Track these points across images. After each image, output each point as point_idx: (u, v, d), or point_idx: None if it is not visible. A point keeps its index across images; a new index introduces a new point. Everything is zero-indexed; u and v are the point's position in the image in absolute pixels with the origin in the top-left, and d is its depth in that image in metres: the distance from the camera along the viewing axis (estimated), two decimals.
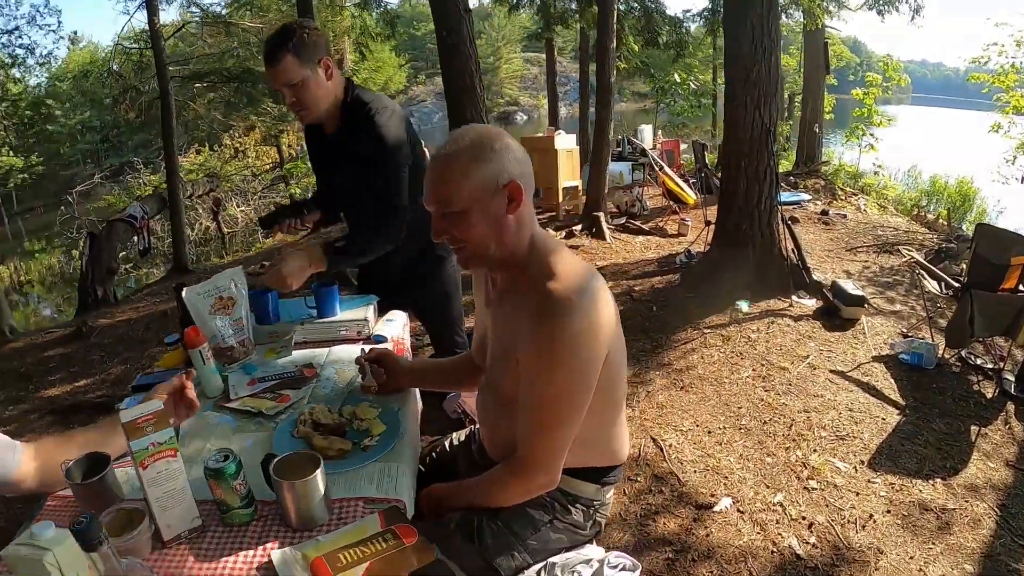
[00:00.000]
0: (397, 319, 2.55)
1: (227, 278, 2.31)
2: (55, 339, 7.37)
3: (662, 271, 6.59)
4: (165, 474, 1.40)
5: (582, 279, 1.50)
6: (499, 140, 1.53)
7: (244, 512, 1.47)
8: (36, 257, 20.99)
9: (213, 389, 2.10)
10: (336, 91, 2.55)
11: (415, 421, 2.02)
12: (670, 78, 15.83)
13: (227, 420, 1.97)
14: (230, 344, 2.28)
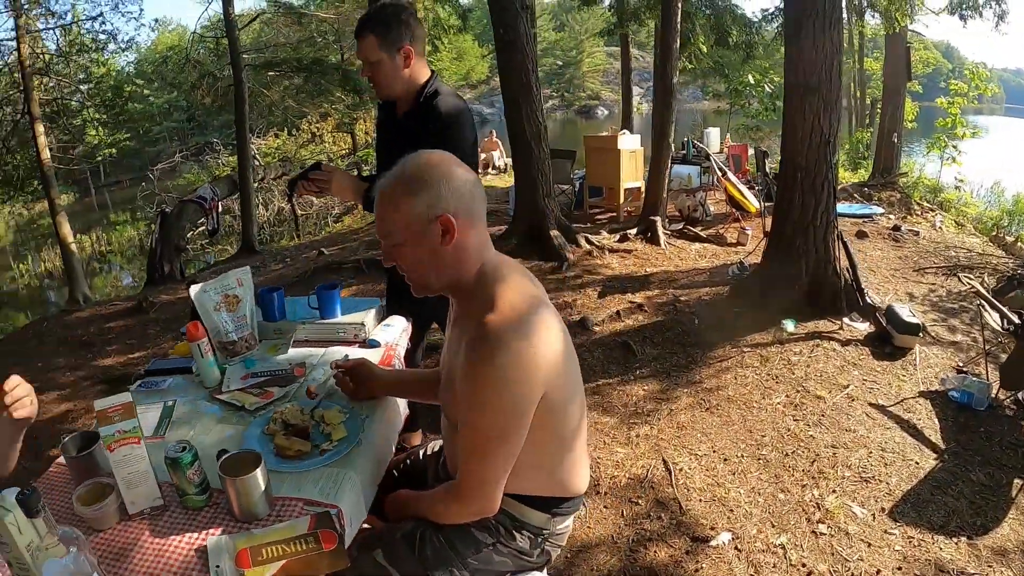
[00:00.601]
0: (395, 324, 2.57)
1: (233, 277, 2.42)
2: (118, 311, 7.67)
3: (712, 282, 6.38)
4: (129, 458, 1.58)
5: (521, 312, 1.49)
6: (436, 171, 1.53)
7: (198, 498, 1.62)
8: (118, 229, 21.87)
9: (210, 380, 2.22)
10: (413, 78, 2.69)
11: (387, 430, 2.02)
12: (744, 79, 15.38)
13: (214, 410, 2.08)
14: (233, 339, 2.37)
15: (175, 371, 2.39)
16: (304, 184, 2.71)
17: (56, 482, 1.85)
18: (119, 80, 20.22)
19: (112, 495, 1.58)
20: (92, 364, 6.02)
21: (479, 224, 1.58)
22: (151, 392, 2.27)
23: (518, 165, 7.56)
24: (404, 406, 2.24)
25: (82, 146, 23.34)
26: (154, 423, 2.05)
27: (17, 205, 20.68)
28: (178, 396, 2.20)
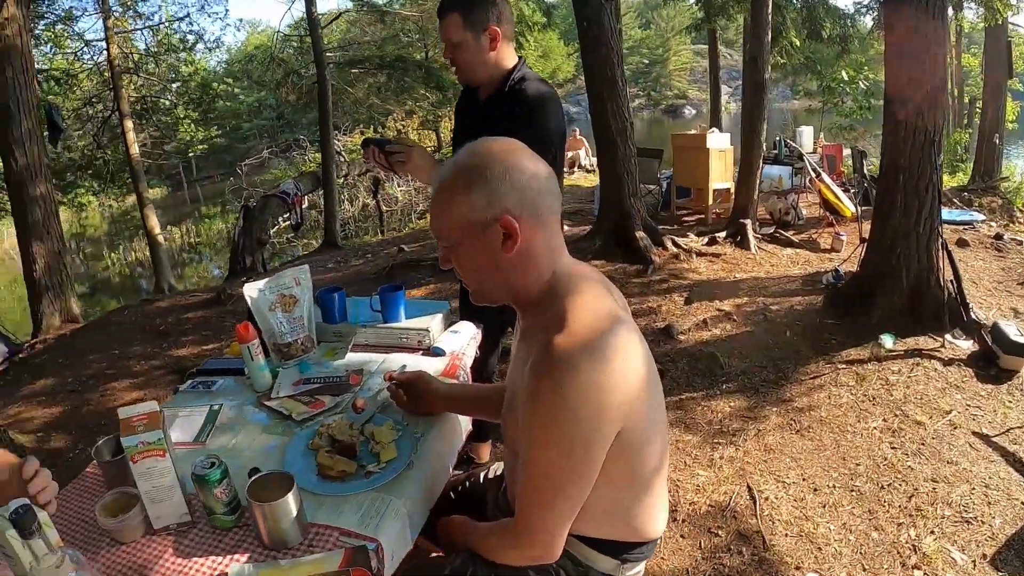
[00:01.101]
0: (463, 331, 2.36)
1: (290, 276, 2.28)
2: (197, 302, 7.73)
3: (805, 290, 5.97)
4: (154, 471, 1.47)
5: (595, 332, 1.26)
6: (498, 161, 1.31)
7: (227, 518, 1.49)
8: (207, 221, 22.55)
9: (260, 385, 2.10)
10: (499, 63, 2.52)
11: (444, 450, 1.83)
12: (837, 75, 14.63)
13: (260, 418, 1.95)
14: (288, 341, 2.24)
15: (228, 372, 2.28)
16: (378, 152, 2.48)
17: (90, 485, 1.76)
18: (207, 79, 20.82)
19: (137, 507, 1.48)
20: (166, 354, 6.06)
21: (550, 226, 1.35)
22: (200, 394, 2.18)
23: (603, 163, 7.30)
24: (467, 421, 2.06)
25: (174, 142, 24.25)
26: (197, 428, 1.94)
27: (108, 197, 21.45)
28: (226, 399, 2.09)
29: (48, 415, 5.26)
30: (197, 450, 1.83)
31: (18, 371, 6.84)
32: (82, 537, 1.53)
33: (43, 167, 8.37)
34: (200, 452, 1.81)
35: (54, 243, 8.45)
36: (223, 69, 31.69)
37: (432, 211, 1.37)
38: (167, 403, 2.19)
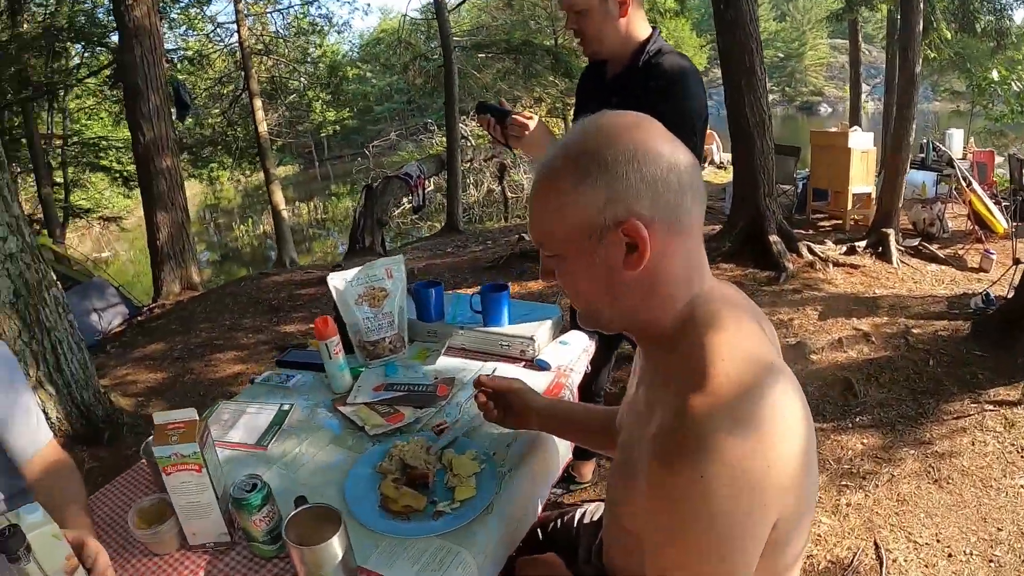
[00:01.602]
0: (574, 344, 2.04)
1: (381, 267, 2.05)
2: (311, 279, 7.72)
3: (951, 314, 5.29)
4: (189, 486, 1.33)
5: (746, 391, 0.90)
6: (622, 147, 0.94)
7: (267, 548, 1.33)
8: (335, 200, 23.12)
9: (338, 386, 1.92)
10: (630, 33, 2.19)
11: (533, 490, 1.55)
12: (987, 75, 13.35)
13: (332, 425, 1.76)
14: (374, 339, 2.03)
15: (309, 367, 2.10)
16: (495, 121, 2.18)
17: (140, 480, 1.66)
18: (336, 62, 21.29)
19: (172, 519, 1.36)
20: (274, 328, 6.05)
21: (692, 236, 1.00)
22: (274, 388, 2.01)
23: (738, 158, 6.85)
24: (568, 447, 1.76)
25: (306, 122, 24.94)
26: (262, 429, 1.76)
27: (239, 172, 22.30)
28: (299, 398, 1.91)
29: (152, 380, 5.33)
30: (258, 455, 1.67)
31: (134, 334, 7.02)
32: (120, 536, 1.43)
33: (169, 142, 8.70)
34: (262, 457, 1.66)
35: (178, 214, 8.72)
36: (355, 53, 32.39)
37: (532, 208, 1.04)
38: (240, 395, 2.05)
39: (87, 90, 17.06)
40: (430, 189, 13.57)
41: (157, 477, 1.53)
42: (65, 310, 4.18)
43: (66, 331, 4.13)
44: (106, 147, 17.87)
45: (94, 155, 17.76)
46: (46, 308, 4.02)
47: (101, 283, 8.96)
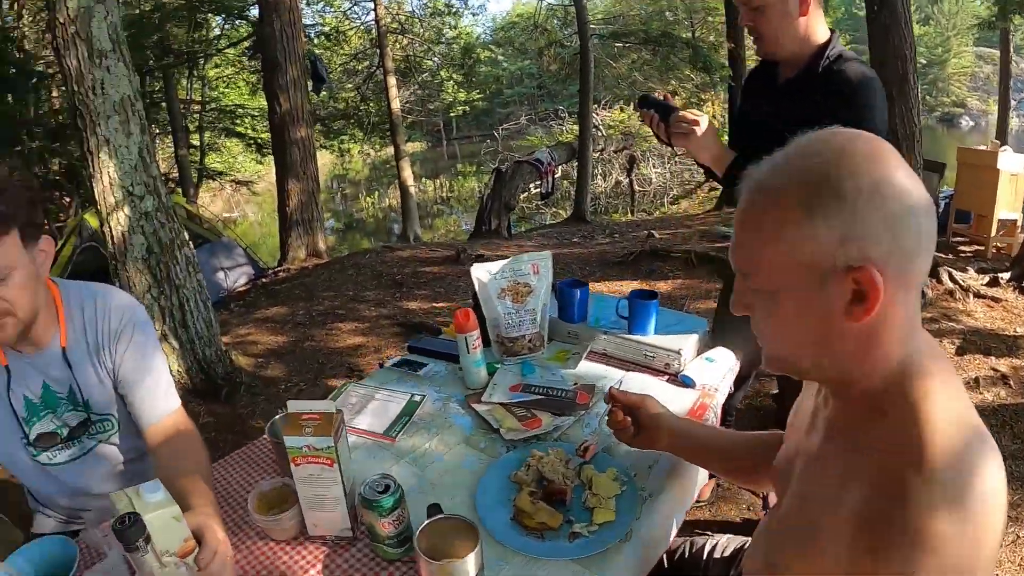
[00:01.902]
0: (721, 362, 1.89)
1: (528, 262, 1.97)
2: (436, 257, 7.74)
3: None
4: (317, 479, 1.28)
5: (964, 466, 0.79)
6: (863, 178, 0.81)
7: (392, 550, 1.27)
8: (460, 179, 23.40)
9: (473, 381, 1.85)
10: (809, 34, 2.02)
11: (671, 514, 1.43)
12: None
13: (464, 423, 1.71)
14: (514, 336, 1.95)
15: (441, 356, 2.05)
16: (657, 119, 2.06)
17: (261, 456, 1.68)
18: (470, 43, 21.43)
19: (294, 508, 1.33)
20: (397, 304, 6.07)
21: (917, 287, 0.87)
22: (405, 375, 1.97)
23: None
24: (705, 473, 1.63)
25: (437, 101, 25.27)
26: (391, 418, 1.72)
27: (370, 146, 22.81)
28: (431, 389, 1.86)
29: (272, 342, 5.45)
30: (385, 446, 1.63)
31: (257, 295, 7.22)
32: (237, 515, 1.43)
33: (305, 113, 8.96)
34: (389, 449, 1.61)
35: (309, 183, 8.95)
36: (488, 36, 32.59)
37: (741, 231, 0.91)
38: (368, 378, 2.02)
39: (226, 60, 17.84)
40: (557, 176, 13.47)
41: (281, 460, 1.55)
42: (195, 269, 4.32)
43: (194, 289, 4.27)
44: (242, 115, 18.66)
45: (230, 121, 18.58)
46: (177, 266, 4.17)
47: (229, 243, 9.30)
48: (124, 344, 1.61)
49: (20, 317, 1.43)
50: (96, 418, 1.65)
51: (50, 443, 1.63)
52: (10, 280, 1.39)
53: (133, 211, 3.99)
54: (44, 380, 1.59)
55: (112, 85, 3.86)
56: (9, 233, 1.37)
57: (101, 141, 3.87)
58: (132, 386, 1.61)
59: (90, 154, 3.91)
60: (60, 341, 1.57)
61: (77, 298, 1.62)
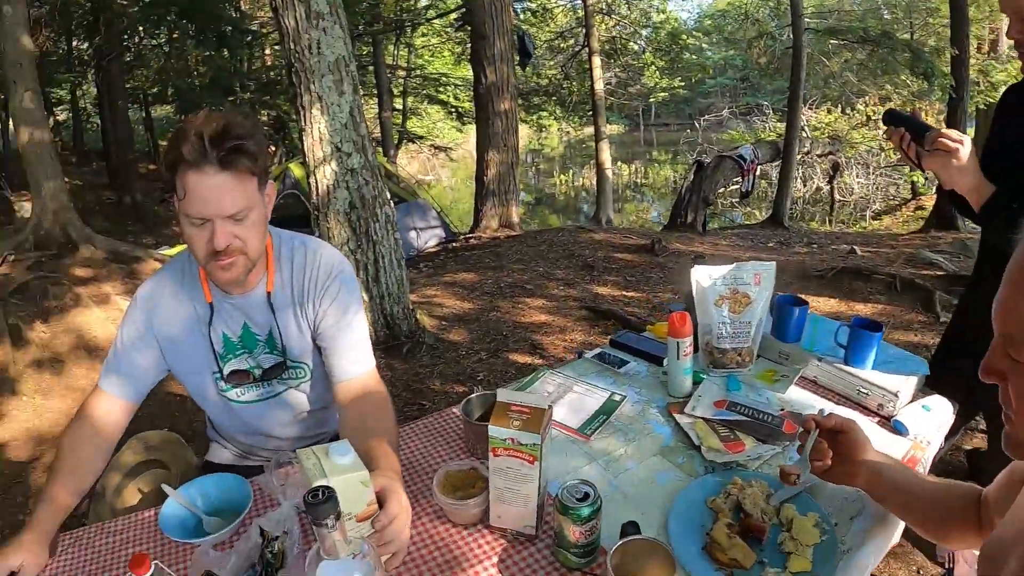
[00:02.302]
0: (938, 411, 1.70)
1: (751, 271, 1.85)
2: (629, 244, 7.67)
3: None
4: (513, 473, 1.26)
5: None
6: None
7: (575, 559, 1.22)
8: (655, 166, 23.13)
9: (677, 389, 1.77)
10: None
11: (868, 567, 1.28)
12: None
13: (663, 432, 1.64)
14: (725, 347, 1.86)
15: (643, 355, 1.99)
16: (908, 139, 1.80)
17: (450, 428, 1.71)
18: (676, 29, 20.92)
19: (482, 496, 1.33)
20: (586, 287, 6.03)
21: None
22: (604, 370, 1.92)
23: None
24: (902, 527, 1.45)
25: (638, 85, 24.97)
26: (588, 415, 1.68)
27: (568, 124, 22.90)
28: (631, 390, 1.80)
29: (458, 307, 5.56)
30: (579, 443, 1.59)
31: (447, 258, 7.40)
32: (416, 489, 1.44)
33: (509, 86, 9.08)
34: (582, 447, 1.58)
35: (508, 155, 9.08)
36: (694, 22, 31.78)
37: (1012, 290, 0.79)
38: (566, 367, 1.98)
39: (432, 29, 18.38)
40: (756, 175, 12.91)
41: (472, 440, 1.58)
42: (393, 227, 4.47)
43: (390, 247, 4.42)
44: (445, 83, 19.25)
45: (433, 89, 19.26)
46: (376, 223, 4.32)
47: (424, 204, 9.59)
48: (329, 299, 1.65)
49: (250, 256, 1.50)
50: (291, 364, 1.71)
51: (241, 381, 1.71)
52: (246, 220, 1.46)
53: (340, 166, 4.18)
54: (245, 321, 1.66)
55: (328, 46, 4.03)
56: (254, 174, 1.44)
57: (314, 98, 4.07)
58: (330, 340, 1.65)
59: (303, 109, 4.12)
60: (267, 286, 1.64)
61: (288, 247, 1.68)
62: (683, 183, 11.19)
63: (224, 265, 1.47)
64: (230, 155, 1.37)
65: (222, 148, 1.36)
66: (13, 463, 4.00)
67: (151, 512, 1.51)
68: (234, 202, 1.41)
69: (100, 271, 6.40)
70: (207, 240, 1.43)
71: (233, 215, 1.43)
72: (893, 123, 1.85)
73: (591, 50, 12.95)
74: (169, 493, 1.46)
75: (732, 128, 21.75)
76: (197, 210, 1.40)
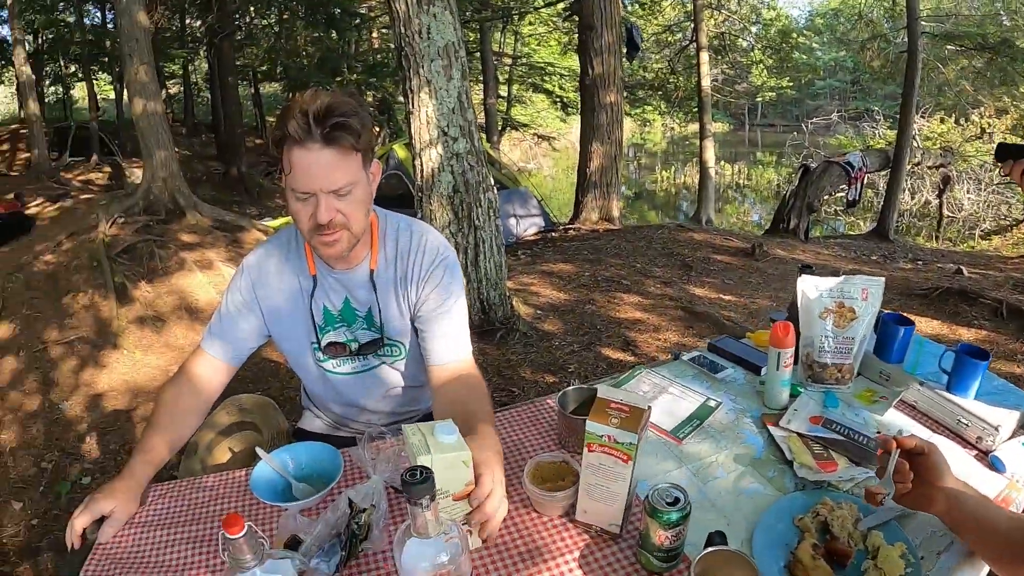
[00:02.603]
0: None
1: (859, 285, 1.80)
2: (729, 246, 7.62)
3: None
4: (606, 470, 1.26)
5: None
6: None
7: (657, 563, 1.22)
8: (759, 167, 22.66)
9: (772, 400, 1.75)
10: None
11: None
12: None
13: (755, 442, 1.62)
14: (826, 362, 1.81)
15: (741, 362, 1.97)
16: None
17: (541, 420, 1.72)
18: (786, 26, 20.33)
19: (571, 489, 1.33)
20: (683, 286, 6.00)
21: None
22: (700, 374, 1.93)
23: None
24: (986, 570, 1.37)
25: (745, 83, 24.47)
26: (681, 418, 1.69)
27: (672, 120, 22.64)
28: (726, 397, 1.80)
29: (553, 297, 5.61)
30: (671, 446, 1.60)
31: (545, 247, 7.43)
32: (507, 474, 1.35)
33: (616, 79, 9.01)
34: (674, 450, 1.58)
35: (612, 147, 9.05)
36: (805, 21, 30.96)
37: None
38: (662, 367, 1.97)
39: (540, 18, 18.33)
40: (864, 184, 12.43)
41: (564, 433, 1.58)
42: (495, 213, 4.52)
43: (491, 233, 4.48)
44: (551, 72, 19.20)
45: (539, 77, 19.24)
46: (479, 208, 4.39)
47: (525, 192, 9.65)
48: (432, 284, 1.68)
49: (353, 232, 1.53)
50: (388, 341, 1.75)
51: (338, 353, 1.76)
52: (351, 196, 1.49)
53: (445, 150, 4.25)
54: (347, 296, 1.70)
55: (438, 31, 4.10)
56: (357, 151, 1.47)
57: (423, 82, 4.15)
58: (429, 324, 1.68)
59: (411, 92, 4.20)
60: (370, 264, 1.67)
61: (393, 227, 1.72)
62: (788, 187, 10.93)
63: (327, 240, 1.51)
64: (334, 132, 1.40)
65: (326, 125, 1.39)
66: (109, 413, 4.26)
67: (242, 472, 1.58)
68: (337, 178, 1.45)
69: (205, 238, 6.71)
70: (311, 214, 1.47)
71: (336, 190, 1.46)
72: (1008, 157, 1.76)
73: (699, 45, 12.75)
74: (262, 456, 1.51)
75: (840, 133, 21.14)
76: (302, 185, 1.44)
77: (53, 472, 3.65)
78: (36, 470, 3.68)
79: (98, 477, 3.58)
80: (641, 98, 20.08)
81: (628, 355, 4.41)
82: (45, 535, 3.17)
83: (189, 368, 1.71)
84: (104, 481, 1.46)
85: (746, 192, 20.57)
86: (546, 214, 9.72)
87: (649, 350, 4.47)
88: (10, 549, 3.09)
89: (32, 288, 5.71)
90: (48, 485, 3.54)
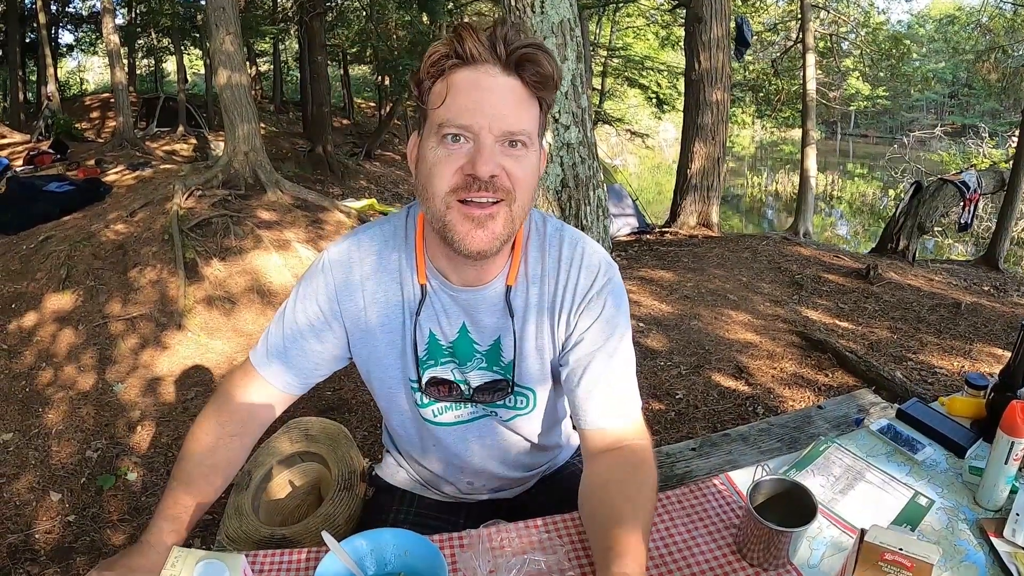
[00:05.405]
0: None
1: None
2: (840, 265, 7.10)
3: None
4: None
5: None
6: None
7: None
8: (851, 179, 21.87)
9: (989, 500, 1.36)
10: None
11: None
12: None
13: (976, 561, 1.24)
14: None
15: (941, 439, 1.58)
16: None
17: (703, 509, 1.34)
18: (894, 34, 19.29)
19: None
20: (794, 307, 5.56)
21: None
22: (894, 454, 1.54)
23: None
24: None
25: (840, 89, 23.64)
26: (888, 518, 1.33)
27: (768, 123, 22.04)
28: (931, 488, 1.42)
29: (656, 308, 5.30)
30: None
31: (642, 250, 7.09)
32: None
33: (724, 76, 8.65)
34: None
35: (716, 149, 8.69)
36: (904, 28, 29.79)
37: None
38: (847, 438, 1.60)
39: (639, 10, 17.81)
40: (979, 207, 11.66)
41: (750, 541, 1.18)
42: (604, 213, 4.18)
43: (599, 235, 4.16)
44: (649, 67, 18.70)
45: (635, 71, 18.72)
46: (587, 206, 4.04)
47: (620, 189, 9.34)
48: (591, 315, 1.23)
49: (514, 214, 1.10)
50: (517, 388, 1.31)
51: (444, 396, 1.32)
52: (524, 158, 1.09)
53: (555, 139, 3.88)
54: (465, 322, 1.26)
55: (552, 5, 3.72)
56: (539, 103, 1.11)
57: None
58: (583, 372, 1.23)
59: None
60: (507, 279, 1.23)
61: (539, 232, 1.28)
62: (897, 205, 10.30)
63: (478, 214, 1.07)
64: (523, 60, 1.05)
65: (516, 49, 1.04)
66: (165, 401, 4.07)
67: (303, 554, 1.22)
68: (517, 118, 1.05)
69: (284, 216, 6.54)
70: (463, 163, 1.05)
71: (512, 133, 1.05)
72: None
73: (805, 47, 12.15)
74: (330, 546, 1.11)
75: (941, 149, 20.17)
76: (462, 116, 1.04)
77: (98, 462, 3.48)
78: (80, 458, 3.52)
79: (145, 475, 3.38)
80: (739, 98, 19.36)
81: (742, 384, 4.01)
82: (80, 536, 2.97)
83: (233, 392, 1.30)
84: (151, 482, 1.15)
85: (835, 204, 19.81)
86: (640, 214, 9.38)
87: (764, 380, 4.05)
88: (41, 548, 2.90)
89: (99, 258, 5.57)
90: (91, 477, 3.36)
